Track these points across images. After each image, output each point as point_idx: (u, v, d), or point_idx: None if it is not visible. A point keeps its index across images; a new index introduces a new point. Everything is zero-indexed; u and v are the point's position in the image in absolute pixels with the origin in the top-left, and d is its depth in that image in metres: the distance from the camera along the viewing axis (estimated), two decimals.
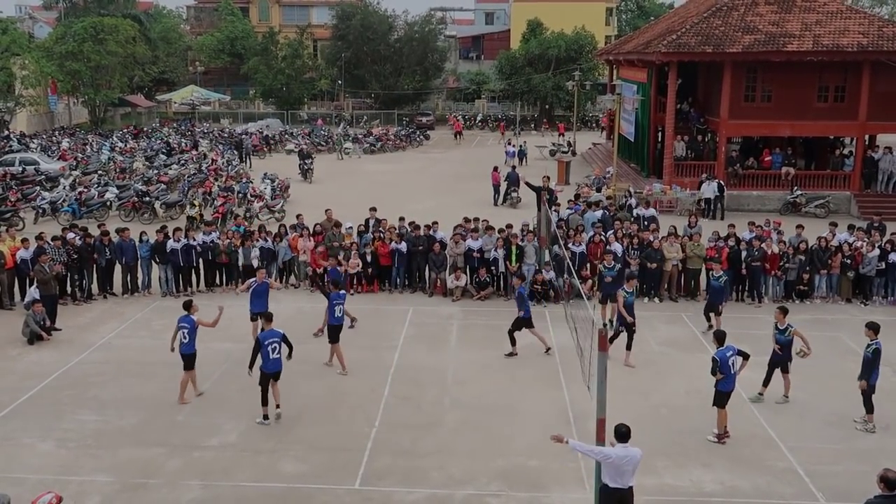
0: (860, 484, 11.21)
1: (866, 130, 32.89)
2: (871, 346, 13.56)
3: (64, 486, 11.55)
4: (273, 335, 13.65)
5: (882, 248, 20.83)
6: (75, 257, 20.17)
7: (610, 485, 9.70)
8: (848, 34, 31.40)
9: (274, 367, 13.68)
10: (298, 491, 11.72)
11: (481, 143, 58.11)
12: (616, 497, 9.72)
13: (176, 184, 34.51)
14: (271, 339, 13.58)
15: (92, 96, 60.34)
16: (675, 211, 30.91)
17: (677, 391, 15.17)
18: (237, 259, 21.29)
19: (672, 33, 33.47)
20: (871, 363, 13.55)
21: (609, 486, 9.71)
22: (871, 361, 13.54)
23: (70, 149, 45.34)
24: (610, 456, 9.63)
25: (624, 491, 9.69)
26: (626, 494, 9.72)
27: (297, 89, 70.64)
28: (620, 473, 9.62)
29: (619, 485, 9.65)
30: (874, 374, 13.60)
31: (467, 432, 13.57)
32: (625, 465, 9.61)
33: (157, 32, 73.44)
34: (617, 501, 9.75)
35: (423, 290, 21.50)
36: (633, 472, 9.69)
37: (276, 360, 13.67)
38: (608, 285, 18.39)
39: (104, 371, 16.11)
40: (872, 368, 13.56)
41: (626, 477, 9.65)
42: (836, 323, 19.14)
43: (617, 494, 9.70)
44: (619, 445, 9.69)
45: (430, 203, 30.76)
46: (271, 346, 13.55)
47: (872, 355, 13.52)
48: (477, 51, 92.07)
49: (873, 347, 13.53)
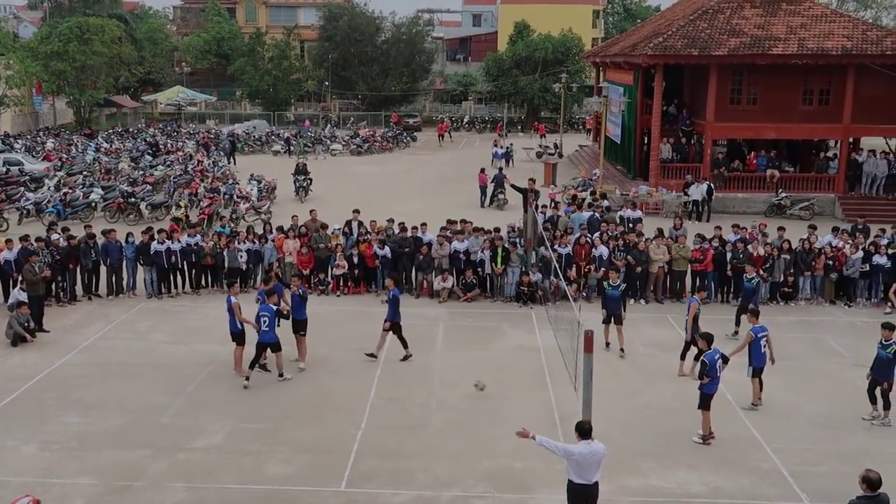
0: (843, 485, 11.24)
1: (850, 133, 33.13)
2: (890, 345, 13.64)
3: (47, 489, 11.48)
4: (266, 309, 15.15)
5: (866, 250, 20.98)
6: (58, 258, 20.03)
7: (575, 480, 9.82)
8: (832, 38, 31.63)
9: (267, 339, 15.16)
10: (284, 493, 11.68)
11: (468, 144, 58.15)
12: (581, 493, 9.83)
13: (162, 185, 34.33)
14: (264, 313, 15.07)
15: (77, 97, 60.01)
16: (661, 213, 31.01)
17: (663, 393, 15.22)
18: (223, 261, 21.21)
19: (658, 36, 33.61)
20: (892, 362, 13.67)
21: (574, 481, 9.82)
22: (892, 361, 13.65)
23: (55, 149, 45.08)
24: (573, 453, 9.72)
25: (589, 486, 9.81)
26: (592, 490, 9.84)
27: (283, 90, 70.47)
28: (585, 469, 9.73)
29: (584, 480, 9.78)
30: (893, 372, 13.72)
31: (453, 434, 13.57)
32: (588, 460, 9.71)
33: (143, 33, 73.06)
34: (582, 497, 9.86)
35: (409, 291, 21.48)
36: (597, 467, 9.81)
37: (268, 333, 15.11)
38: (613, 304, 17.14)
39: (88, 373, 16.01)
40: (892, 368, 13.67)
41: (591, 473, 9.77)
42: (820, 324, 19.26)
43: (582, 490, 9.82)
44: (583, 442, 9.77)
45: (417, 205, 30.74)
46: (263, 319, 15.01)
47: (894, 356, 13.62)
48: (464, 52, 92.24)
49: (893, 348, 13.64)
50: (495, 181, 33.74)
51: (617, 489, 11.66)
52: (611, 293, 16.92)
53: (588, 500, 9.91)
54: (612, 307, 17.02)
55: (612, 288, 16.91)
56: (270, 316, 15.16)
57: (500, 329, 18.72)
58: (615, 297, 16.84)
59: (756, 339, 14.18)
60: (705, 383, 13.11)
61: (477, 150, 53.07)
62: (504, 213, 30.30)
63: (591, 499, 9.93)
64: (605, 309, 17.24)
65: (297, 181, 34.72)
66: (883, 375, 13.78)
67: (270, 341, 15.24)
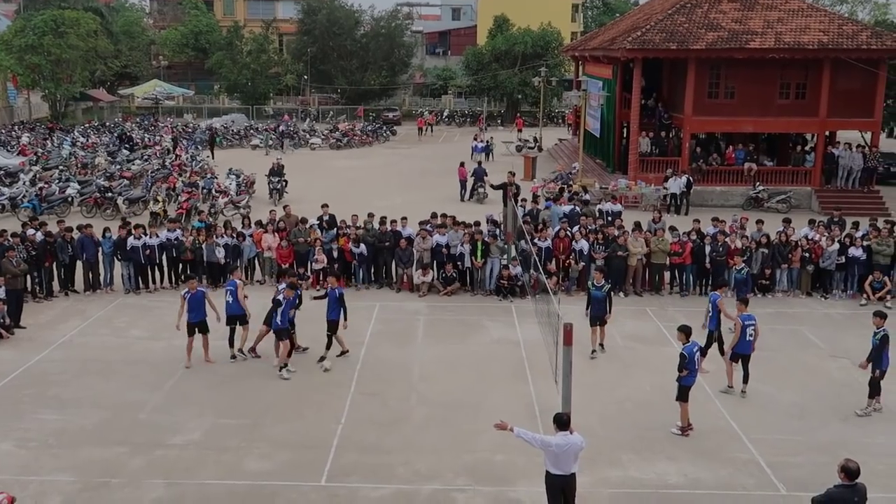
0: (820, 475, 11.39)
1: (826, 127, 33.40)
2: (879, 333, 13.94)
3: (25, 487, 11.38)
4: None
5: (841, 242, 21.19)
6: (34, 254, 19.81)
7: (552, 472, 9.90)
8: (809, 32, 31.88)
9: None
10: (264, 488, 11.65)
11: (448, 138, 58.11)
12: (558, 483, 9.91)
13: (139, 179, 34.03)
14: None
15: (53, 91, 59.33)
16: (640, 206, 31.14)
17: (642, 385, 15.30)
18: (202, 256, 21.08)
19: (637, 30, 33.71)
20: (879, 350, 13.93)
21: (551, 473, 9.90)
22: (879, 348, 13.93)
23: (30, 144, 44.56)
24: (550, 444, 9.80)
25: (566, 478, 9.88)
26: (569, 481, 9.92)
27: (262, 84, 70.03)
28: (562, 461, 9.81)
29: (562, 472, 9.86)
30: (884, 360, 13.99)
31: (434, 428, 13.58)
32: (565, 452, 9.78)
33: (120, 26, 72.29)
34: (559, 488, 9.94)
35: (389, 285, 21.46)
36: (575, 459, 9.88)
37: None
38: (597, 305, 16.74)
39: (65, 369, 15.86)
40: (881, 355, 13.94)
41: (569, 464, 9.85)
42: (796, 316, 19.43)
43: (559, 481, 9.90)
44: (560, 433, 9.83)
45: (398, 199, 30.70)
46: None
47: (880, 342, 13.92)
48: (443, 46, 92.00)
49: (881, 335, 13.92)
50: (475, 175, 33.77)
51: (596, 481, 11.73)
52: (595, 294, 16.60)
53: (566, 491, 9.99)
54: (596, 309, 16.71)
55: (596, 289, 16.58)
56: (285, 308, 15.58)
57: (480, 323, 18.74)
58: (599, 298, 16.53)
59: (744, 327, 14.40)
60: (683, 376, 13.20)
61: (457, 144, 53.06)
62: (484, 207, 30.29)
63: (568, 490, 10.01)
64: (590, 310, 16.85)
65: (272, 182, 33.24)
66: (876, 363, 14.03)
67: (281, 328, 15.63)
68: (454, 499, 11.43)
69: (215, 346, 16.22)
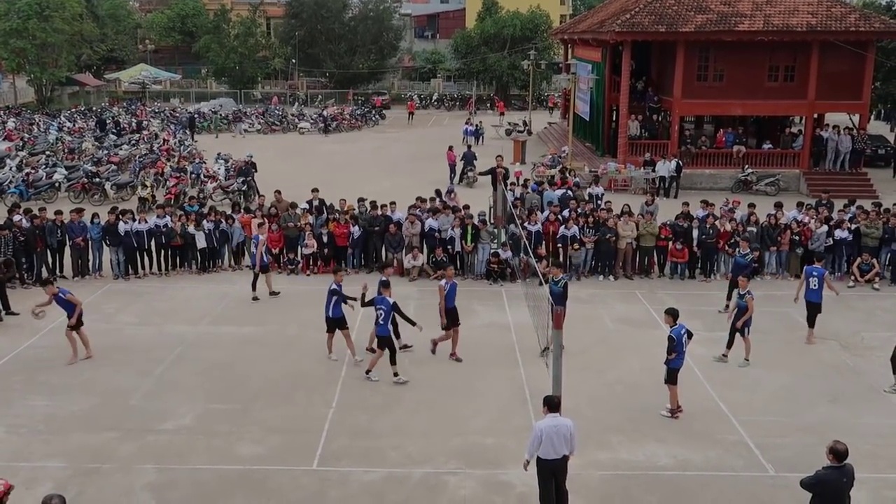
0: (808, 456, 11.49)
1: (815, 109, 33.45)
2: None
3: (15, 473, 11.35)
4: (384, 303, 14.59)
5: (829, 224, 21.27)
6: (22, 240, 19.70)
7: (541, 456, 9.95)
8: (797, 14, 31.88)
9: (382, 332, 14.70)
10: (256, 472, 11.67)
11: (437, 122, 57.94)
12: (549, 467, 9.98)
13: (127, 164, 33.84)
14: (380, 306, 14.58)
15: (38, 75, 58.80)
16: (630, 190, 31.16)
17: (632, 368, 15.37)
18: (192, 241, 21.00)
19: (626, 12, 33.63)
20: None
21: (541, 457, 9.96)
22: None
23: (16, 129, 44.21)
24: (539, 429, 9.91)
25: (557, 461, 9.94)
26: (559, 464, 9.98)
27: (250, 68, 69.60)
28: (552, 444, 9.86)
29: (552, 455, 9.91)
30: None
31: (424, 412, 13.62)
32: (554, 434, 9.84)
33: (105, 9, 71.61)
34: (550, 472, 10.00)
35: (379, 270, 21.41)
36: (564, 441, 9.93)
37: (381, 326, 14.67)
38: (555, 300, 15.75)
39: (55, 356, 15.78)
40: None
41: (558, 447, 9.90)
42: (785, 299, 19.44)
43: (549, 465, 9.95)
44: (550, 415, 9.87)
45: (387, 183, 30.63)
46: (379, 313, 14.54)
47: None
48: (432, 30, 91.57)
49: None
50: (464, 159, 33.73)
51: (586, 463, 11.78)
52: (553, 289, 15.79)
53: (557, 474, 10.05)
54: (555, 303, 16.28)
55: (553, 283, 15.87)
56: (386, 309, 14.54)
57: (470, 307, 18.72)
58: (556, 293, 15.65)
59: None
60: (671, 359, 13.25)
61: (446, 128, 52.92)
62: (474, 191, 30.28)
63: (559, 473, 10.06)
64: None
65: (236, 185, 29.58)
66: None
67: (383, 335, 14.64)
68: (445, 482, 11.48)
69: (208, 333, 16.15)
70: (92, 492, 11.18)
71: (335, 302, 15.39)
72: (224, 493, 11.20)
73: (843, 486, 9.05)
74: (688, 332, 13.48)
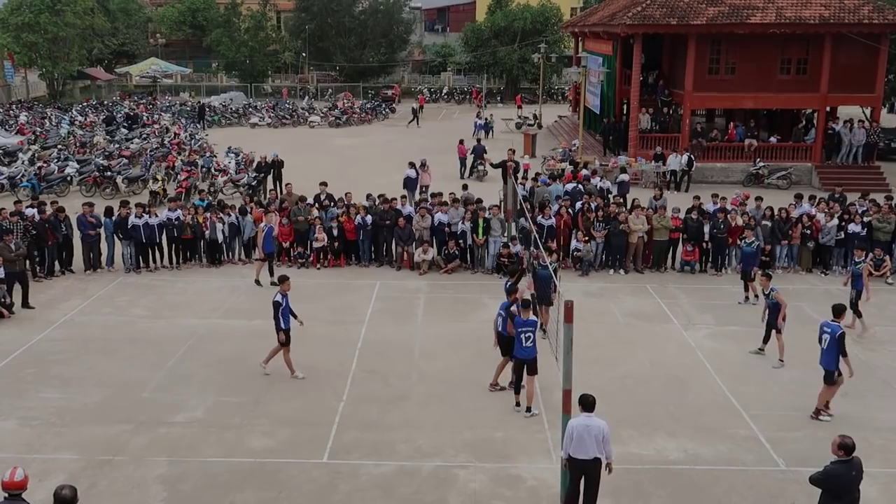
0: (819, 450, 11.44)
1: (827, 102, 33.24)
2: None
3: (28, 465, 11.38)
4: (529, 324, 13.03)
5: (841, 218, 21.16)
6: (34, 233, 19.80)
7: (572, 455, 9.83)
8: (810, 6, 31.66)
9: (525, 354, 13.11)
10: (267, 465, 11.71)
11: (447, 116, 57.86)
12: (578, 465, 9.85)
13: (138, 158, 33.95)
14: (526, 329, 13.01)
15: (50, 69, 59.02)
16: (641, 183, 31.07)
17: (642, 362, 15.35)
18: (202, 234, 21.07)
19: (637, 5, 33.45)
20: None
21: (571, 455, 9.85)
22: None
23: (28, 123, 44.40)
24: (572, 427, 9.80)
25: (587, 462, 9.77)
26: (590, 465, 9.79)
27: (260, 62, 69.64)
28: (582, 443, 9.72)
29: (581, 455, 9.76)
30: None
31: (434, 405, 13.63)
32: (584, 434, 9.70)
33: (116, 4, 71.70)
34: (578, 470, 9.87)
35: (390, 263, 21.47)
36: (596, 443, 9.75)
37: (529, 348, 13.07)
38: (542, 284, 16.01)
39: (67, 348, 15.90)
40: None
41: (589, 448, 9.73)
42: (796, 293, 19.42)
43: (578, 464, 9.83)
44: (583, 414, 9.78)
45: (397, 176, 30.58)
46: (525, 335, 13.01)
47: None
48: (442, 23, 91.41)
49: None
50: (474, 152, 33.70)
51: None
52: (541, 273, 15.84)
53: (586, 474, 9.87)
54: (541, 288, 15.97)
55: (542, 267, 15.74)
56: (533, 331, 13.14)
57: (480, 301, 18.74)
58: (545, 277, 15.72)
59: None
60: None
61: (456, 121, 52.86)
62: (484, 185, 30.24)
63: (589, 474, 9.87)
64: (535, 290, 15.98)
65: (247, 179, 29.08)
66: None
67: (528, 357, 13.13)
68: (455, 475, 11.49)
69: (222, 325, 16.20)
70: (104, 484, 11.25)
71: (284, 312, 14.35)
72: (235, 485, 11.25)
73: (853, 480, 9.01)
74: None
